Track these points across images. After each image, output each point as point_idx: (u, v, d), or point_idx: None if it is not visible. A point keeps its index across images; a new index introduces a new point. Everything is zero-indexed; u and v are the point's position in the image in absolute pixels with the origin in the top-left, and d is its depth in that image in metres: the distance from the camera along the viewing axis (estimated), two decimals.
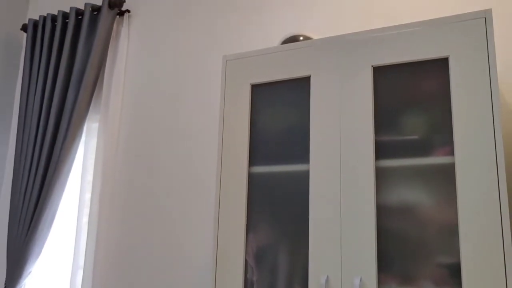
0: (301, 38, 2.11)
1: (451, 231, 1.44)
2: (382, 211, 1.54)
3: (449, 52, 1.53)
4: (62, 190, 2.73)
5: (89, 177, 2.79)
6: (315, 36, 2.12)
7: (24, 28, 3.14)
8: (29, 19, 3.08)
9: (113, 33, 2.90)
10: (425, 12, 2.10)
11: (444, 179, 1.49)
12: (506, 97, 1.87)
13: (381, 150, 1.58)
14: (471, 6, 2.02)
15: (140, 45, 2.86)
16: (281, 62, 1.80)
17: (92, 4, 2.88)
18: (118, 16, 2.92)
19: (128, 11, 2.92)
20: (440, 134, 1.51)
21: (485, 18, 1.52)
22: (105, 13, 2.83)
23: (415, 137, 1.54)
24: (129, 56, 2.88)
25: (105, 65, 2.86)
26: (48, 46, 2.97)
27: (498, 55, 1.92)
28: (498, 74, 1.89)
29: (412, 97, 1.58)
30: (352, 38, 1.69)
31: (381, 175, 1.57)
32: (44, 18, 3.03)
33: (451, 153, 1.48)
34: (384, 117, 1.60)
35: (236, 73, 1.87)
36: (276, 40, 2.36)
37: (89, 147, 2.85)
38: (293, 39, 2.12)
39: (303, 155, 1.69)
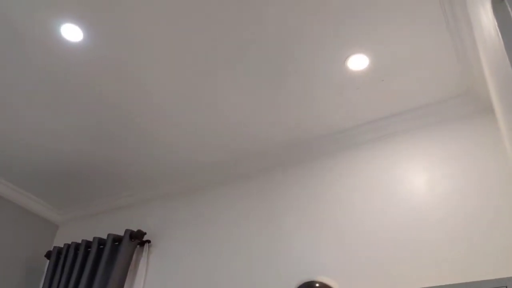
0: (317, 285, 2.03)
1: None
2: None
3: None
4: None
5: None
6: (331, 282, 2.04)
7: (48, 254, 3.20)
8: (54, 247, 3.16)
9: (132, 263, 2.91)
10: (449, 277, 1.99)
11: None
12: None
13: None
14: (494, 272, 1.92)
15: (157, 276, 2.82)
16: None
17: (115, 234, 2.95)
18: (138, 246, 2.96)
19: (148, 241, 2.97)
20: None
21: (506, 286, 1.43)
22: (126, 244, 2.87)
23: None
24: (146, 286, 2.82)
25: None
26: (67, 274, 2.97)
27: None
28: None
29: None
30: None
31: None
32: (68, 246, 3.10)
33: None
34: None
35: None
36: (291, 283, 2.27)
37: None
38: (308, 285, 2.04)
39: None
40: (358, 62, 2.18)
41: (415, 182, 2.29)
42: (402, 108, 2.43)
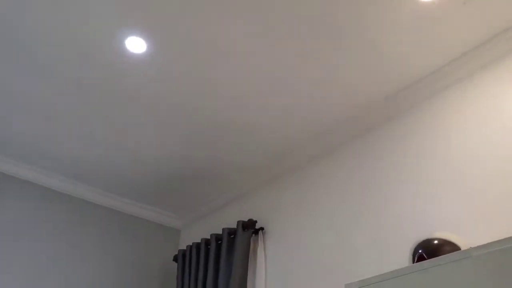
0: (436, 242, 1.86)
1: None
2: None
3: None
4: None
5: None
6: (452, 237, 1.85)
7: (175, 258, 3.38)
8: (179, 250, 3.33)
9: (251, 252, 2.95)
10: None
11: None
12: None
13: None
14: None
15: (277, 261, 2.82)
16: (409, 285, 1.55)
17: (229, 228, 3.01)
18: (253, 235, 2.99)
19: (262, 228, 2.98)
20: None
21: None
22: (240, 235, 2.92)
23: None
24: (268, 273, 2.84)
25: (246, 284, 2.85)
26: (195, 273, 3.12)
27: None
28: None
29: None
30: None
31: None
32: (190, 247, 3.24)
33: None
34: None
35: None
36: (409, 242, 2.10)
37: None
38: (427, 243, 1.88)
39: None
40: None
41: None
42: (497, 30, 2.12)
